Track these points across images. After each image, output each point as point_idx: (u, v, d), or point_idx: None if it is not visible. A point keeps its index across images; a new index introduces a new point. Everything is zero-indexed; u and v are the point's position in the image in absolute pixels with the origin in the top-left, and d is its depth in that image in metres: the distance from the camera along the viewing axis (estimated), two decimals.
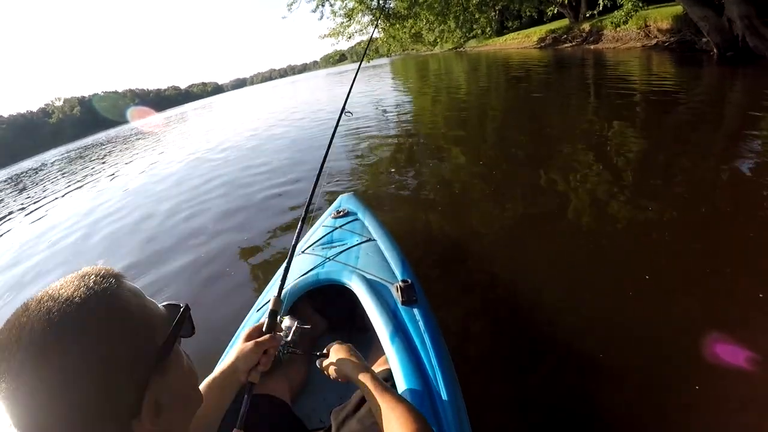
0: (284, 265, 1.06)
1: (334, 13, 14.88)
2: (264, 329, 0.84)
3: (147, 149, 12.43)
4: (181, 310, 0.52)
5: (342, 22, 14.97)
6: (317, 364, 0.87)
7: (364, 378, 0.76)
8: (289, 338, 0.90)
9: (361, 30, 15.42)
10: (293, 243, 1.10)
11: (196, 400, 0.54)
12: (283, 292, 1.31)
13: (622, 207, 2.54)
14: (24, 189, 11.67)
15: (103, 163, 12.00)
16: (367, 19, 15.05)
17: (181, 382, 0.49)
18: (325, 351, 0.87)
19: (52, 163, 20.02)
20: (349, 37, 15.60)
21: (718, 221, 2.18)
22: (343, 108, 1.57)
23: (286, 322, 0.90)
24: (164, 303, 0.52)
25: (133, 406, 0.42)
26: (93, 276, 0.44)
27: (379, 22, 14.89)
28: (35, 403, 0.37)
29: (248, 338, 0.81)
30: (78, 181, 9.35)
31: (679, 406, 1.27)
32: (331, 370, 0.83)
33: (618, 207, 2.55)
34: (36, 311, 0.39)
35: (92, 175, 9.71)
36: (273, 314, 0.86)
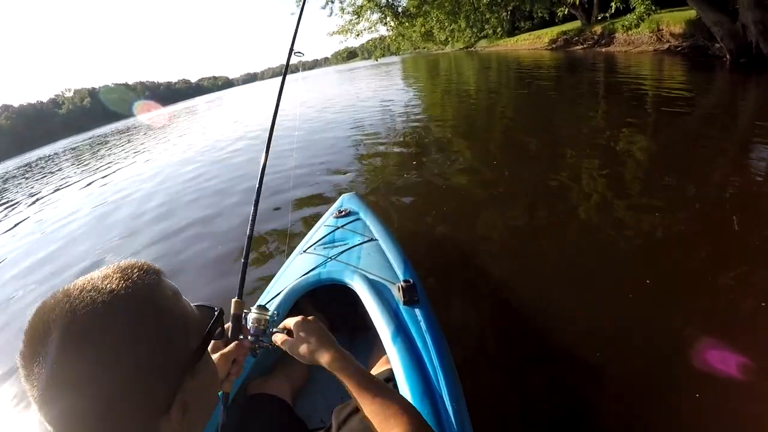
0: (243, 263, 0.96)
1: (342, 10, 14.87)
2: (230, 335, 0.77)
3: (161, 142, 12.50)
4: (216, 314, 0.52)
5: (351, 20, 14.97)
6: (273, 340, 0.78)
7: (337, 363, 0.67)
8: (257, 335, 0.80)
9: (370, 28, 15.41)
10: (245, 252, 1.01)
11: (215, 401, 0.55)
12: (275, 292, 1.31)
13: (627, 211, 2.52)
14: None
15: (126, 156, 12.08)
16: (376, 16, 15.05)
17: (207, 384, 0.50)
18: (282, 327, 0.78)
19: (64, 151, 20.19)
20: (358, 35, 15.58)
21: (723, 228, 2.15)
22: (272, 125, 1.12)
23: (253, 315, 0.82)
24: (197, 304, 0.52)
25: (163, 404, 0.42)
26: (136, 270, 0.44)
27: (388, 20, 14.83)
28: (67, 390, 0.37)
29: (214, 349, 0.75)
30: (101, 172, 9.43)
31: (678, 410, 1.27)
32: (297, 350, 0.72)
33: (623, 210, 2.53)
34: (79, 300, 0.39)
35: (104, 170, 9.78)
36: (236, 319, 0.80)
